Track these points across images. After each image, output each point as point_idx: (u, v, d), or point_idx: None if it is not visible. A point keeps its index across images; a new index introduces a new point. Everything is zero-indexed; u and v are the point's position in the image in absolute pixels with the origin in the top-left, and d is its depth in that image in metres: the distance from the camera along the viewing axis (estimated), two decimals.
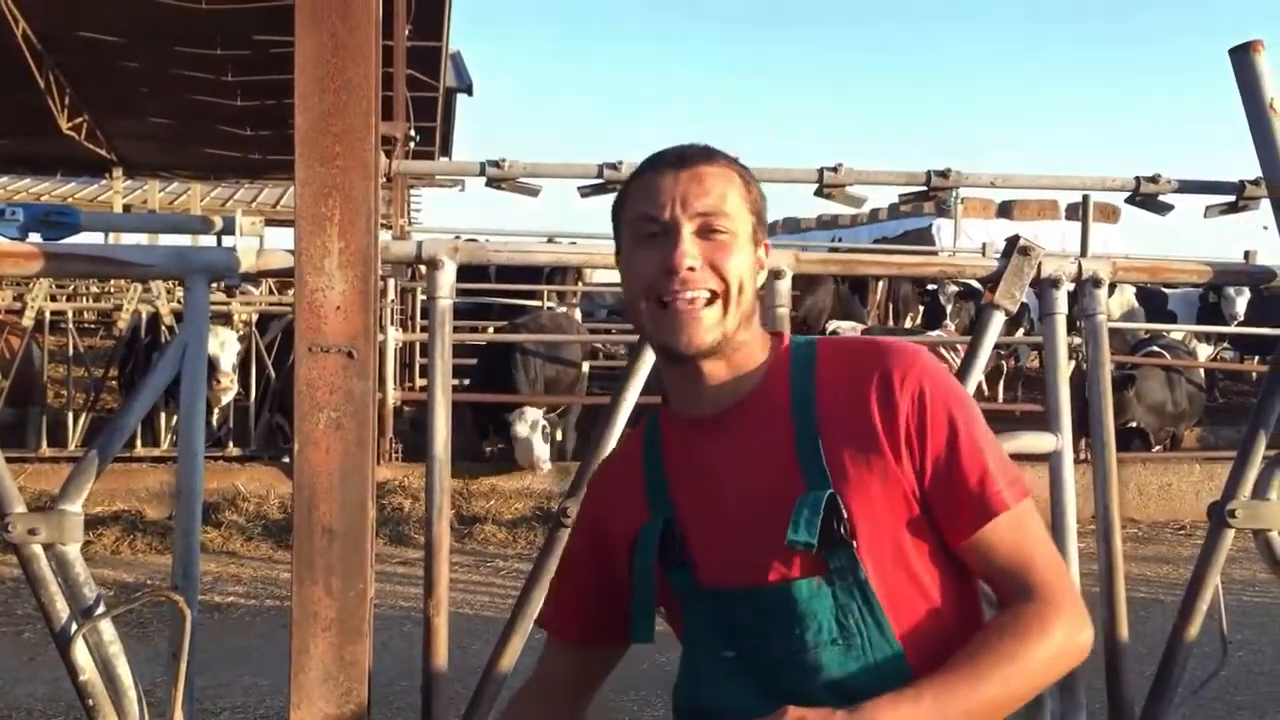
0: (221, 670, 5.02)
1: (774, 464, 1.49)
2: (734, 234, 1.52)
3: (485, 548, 7.80)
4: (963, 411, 1.49)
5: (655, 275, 1.50)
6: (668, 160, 1.56)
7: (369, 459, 2.43)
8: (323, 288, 2.38)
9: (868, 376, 1.50)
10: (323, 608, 2.37)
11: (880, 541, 1.45)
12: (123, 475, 7.90)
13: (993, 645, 1.40)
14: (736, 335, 1.52)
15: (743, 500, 1.50)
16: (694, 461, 1.56)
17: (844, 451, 1.46)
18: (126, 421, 2.61)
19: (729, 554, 1.50)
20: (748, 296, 1.53)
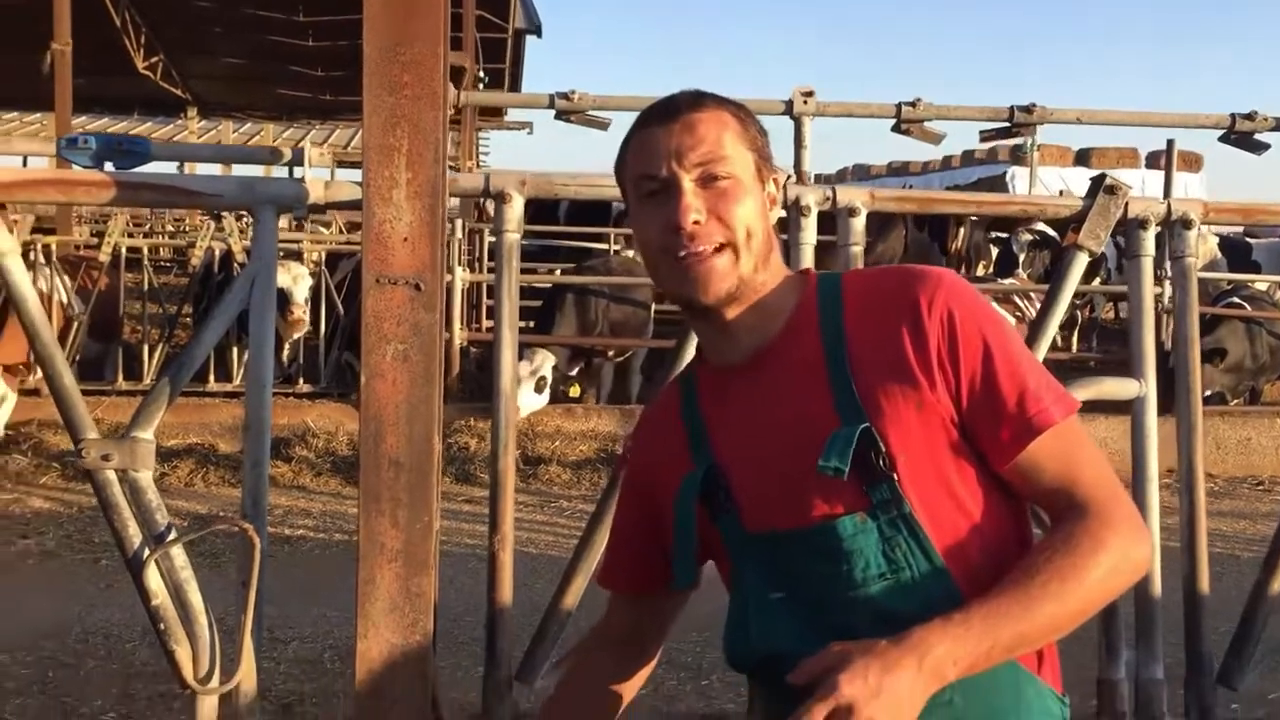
0: (290, 601, 5.10)
1: (809, 404, 1.47)
2: (736, 178, 1.49)
3: (549, 488, 7.84)
4: (995, 330, 1.46)
5: (663, 234, 1.48)
6: (657, 114, 1.53)
7: (435, 392, 2.43)
8: (390, 219, 2.37)
9: (895, 306, 1.47)
10: (389, 539, 2.39)
11: (922, 472, 1.42)
12: (196, 409, 8.05)
13: (1044, 565, 1.36)
14: (754, 278, 1.50)
15: (781, 442, 1.48)
16: (730, 408, 1.55)
17: (877, 384, 1.44)
18: (197, 352, 2.63)
19: (771, 497, 1.49)
20: (759, 239, 1.50)
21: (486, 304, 10.38)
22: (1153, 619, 2.63)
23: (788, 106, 3.87)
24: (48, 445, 7.73)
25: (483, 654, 3.94)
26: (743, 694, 4.27)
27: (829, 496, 1.42)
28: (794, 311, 1.53)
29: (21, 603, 5.20)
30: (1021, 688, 1.42)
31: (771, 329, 1.53)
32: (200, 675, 2.44)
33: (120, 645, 4.65)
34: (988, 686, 1.38)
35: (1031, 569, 1.36)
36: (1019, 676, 1.41)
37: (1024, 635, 1.34)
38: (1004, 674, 1.38)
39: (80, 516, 6.74)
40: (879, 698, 1.26)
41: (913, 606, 1.36)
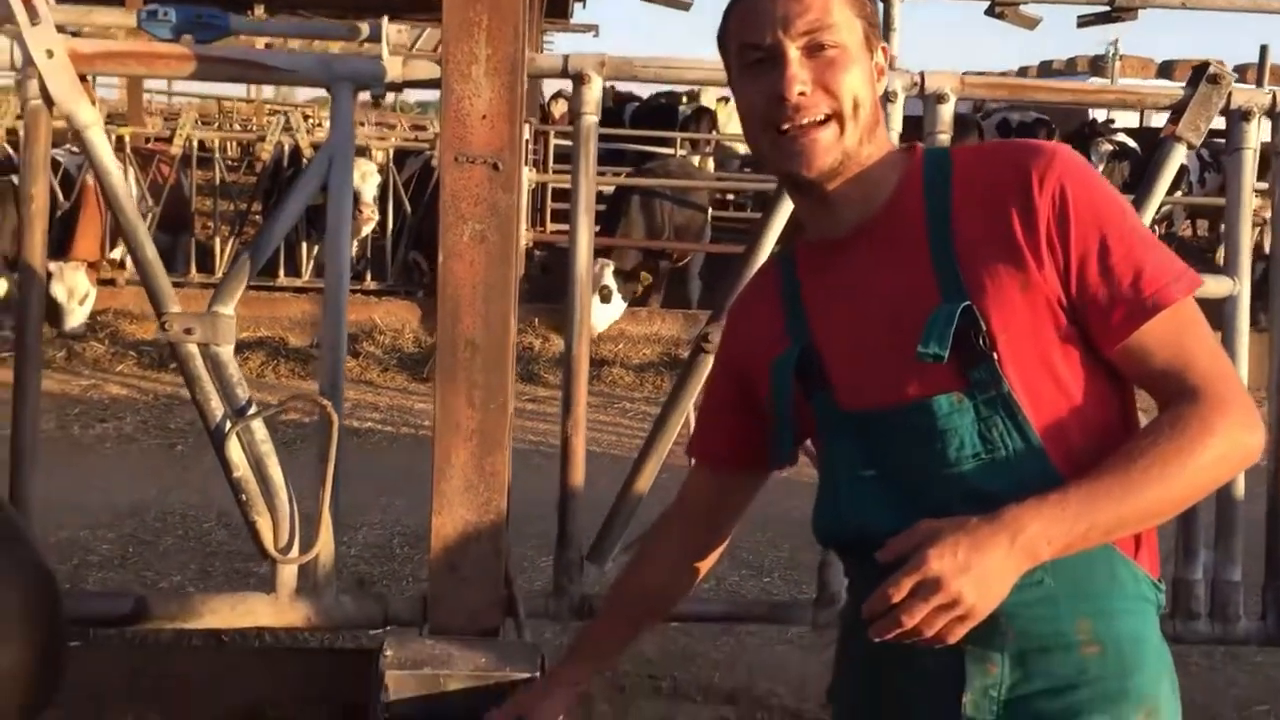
0: (359, 490, 5.18)
1: (909, 281, 1.43)
2: (843, 47, 1.42)
3: (613, 390, 7.88)
4: (1110, 207, 1.39)
5: (767, 105, 1.43)
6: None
7: (512, 273, 2.42)
8: (469, 95, 2.34)
9: (1005, 181, 1.41)
10: (465, 419, 2.40)
11: (1023, 352, 1.37)
12: (266, 303, 8.16)
13: (1148, 448, 1.31)
14: (859, 152, 1.45)
15: (879, 320, 1.45)
16: (829, 285, 1.51)
17: (982, 262, 1.39)
18: (276, 229, 2.64)
19: (867, 375, 1.46)
20: (865, 110, 1.44)
21: (552, 206, 10.35)
22: (1233, 521, 2.58)
23: None
24: (124, 334, 7.91)
25: (546, 546, 4.00)
26: (804, 590, 4.31)
27: (925, 375, 1.38)
28: (898, 185, 1.48)
29: (102, 483, 5.36)
30: (1116, 571, 1.39)
31: (874, 203, 1.48)
32: (280, 546, 2.49)
33: (197, 525, 4.79)
34: (1082, 568, 1.35)
35: (1135, 451, 1.32)
36: (1114, 560, 1.38)
37: (1123, 518, 1.30)
38: (1099, 556, 1.36)
39: (156, 403, 6.91)
40: (967, 573, 1.24)
41: (1007, 486, 1.33)
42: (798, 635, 3.92)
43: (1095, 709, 1.36)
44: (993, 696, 1.38)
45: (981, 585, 1.24)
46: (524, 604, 2.54)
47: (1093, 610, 1.37)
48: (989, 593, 1.25)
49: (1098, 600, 1.38)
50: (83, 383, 7.20)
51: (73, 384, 7.12)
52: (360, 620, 2.61)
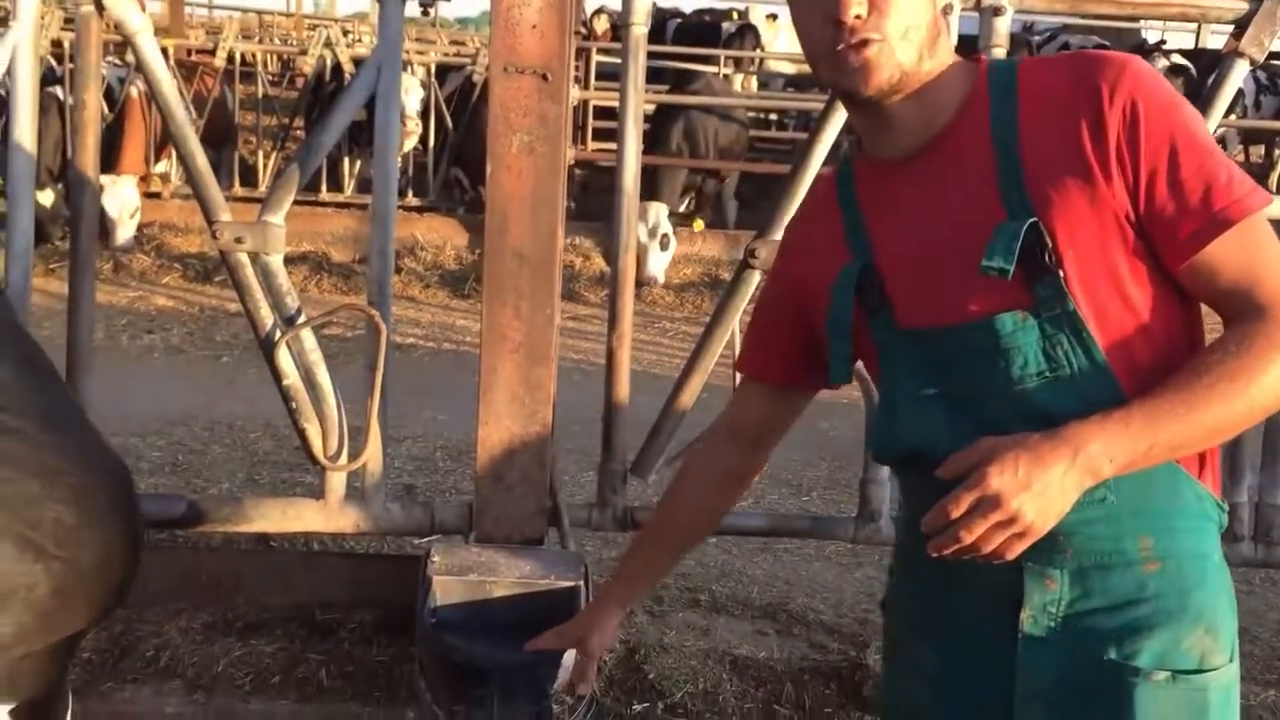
0: (404, 403, 5.25)
1: (974, 197, 1.39)
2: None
3: (653, 309, 7.89)
4: (1181, 120, 1.35)
5: (823, 25, 1.39)
6: None
7: (560, 186, 2.41)
8: (519, 5, 2.31)
9: (1072, 94, 1.37)
10: (511, 330, 2.41)
11: (1090, 269, 1.35)
12: (308, 218, 8.19)
13: (1214, 365, 1.29)
14: (917, 69, 1.40)
15: (942, 237, 1.42)
16: (891, 202, 1.48)
17: (1049, 177, 1.36)
18: (324, 139, 2.64)
19: (929, 293, 1.43)
20: (922, 28, 1.39)
21: (594, 124, 10.27)
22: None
23: None
24: (169, 247, 7.98)
25: (588, 460, 4.05)
26: (842, 508, 4.34)
27: (989, 292, 1.36)
28: (963, 101, 1.44)
29: (150, 392, 5.46)
30: (1180, 488, 1.38)
31: (937, 120, 1.44)
32: (330, 453, 2.54)
33: (244, 435, 4.87)
34: (1144, 485, 1.33)
35: (1200, 368, 1.30)
36: (1178, 477, 1.37)
37: (1187, 436, 1.29)
38: (1162, 474, 1.35)
39: (202, 316, 6.99)
40: (1027, 490, 1.23)
41: (1071, 404, 1.32)
42: (835, 552, 3.96)
43: (1155, 625, 1.36)
44: (1051, 613, 1.38)
45: (1041, 502, 1.24)
46: (568, 515, 2.58)
47: (1154, 528, 1.36)
48: (1049, 510, 1.25)
49: (1160, 518, 1.37)
50: (130, 294, 7.30)
51: (120, 295, 7.22)
52: (408, 527, 2.66)
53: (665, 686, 2.78)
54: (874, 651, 3.00)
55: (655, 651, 2.91)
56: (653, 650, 2.91)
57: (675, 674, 2.81)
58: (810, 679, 2.86)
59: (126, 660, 2.71)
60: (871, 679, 2.84)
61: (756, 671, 2.88)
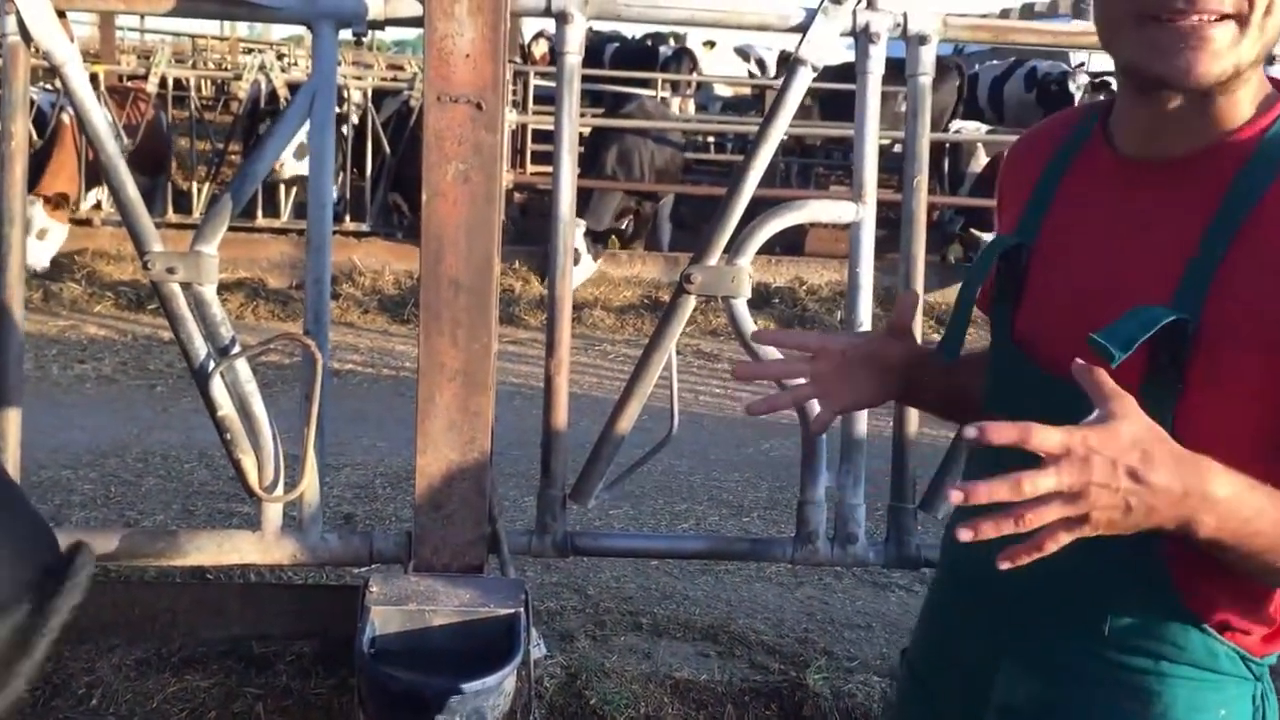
0: (341, 430, 5.22)
1: (1162, 253, 1.16)
2: None
3: (594, 332, 7.89)
4: None
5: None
6: None
7: (496, 214, 2.42)
8: (453, 34, 2.33)
9: None
10: (449, 358, 2.42)
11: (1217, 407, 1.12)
12: (245, 244, 8.10)
13: None
14: (1248, 69, 1.14)
15: (1104, 274, 1.21)
16: (1088, 196, 1.27)
17: (1249, 287, 1.10)
18: (257, 168, 2.63)
19: (1052, 323, 1.25)
20: (1276, 19, 1.12)
21: (532, 148, 10.28)
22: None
23: None
24: (101, 274, 7.85)
25: (528, 485, 4.05)
26: (783, 529, 4.38)
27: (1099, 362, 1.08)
28: (1232, 135, 1.16)
29: (82, 424, 5.36)
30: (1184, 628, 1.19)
31: (1196, 141, 1.17)
32: (265, 484, 2.51)
33: (179, 465, 4.80)
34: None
35: None
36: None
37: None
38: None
39: (135, 344, 6.88)
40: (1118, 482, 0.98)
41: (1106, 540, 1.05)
42: (775, 572, 3.99)
43: None
44: None
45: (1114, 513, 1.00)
46: (507, 542, 2.58)
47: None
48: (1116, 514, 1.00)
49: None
50: (60, 323, 7.16)
51: (50, 325, 7.08)
52: (345, 557, 2.64)
53: (607, 712, 2.78)
54: (814, 671, 3.02)
55: (596, 676, 2.91)
56: (594, 675, 2.91)
57: (617, 699, 2.82)
58: (751, 700, 2.88)
59: (59, 698, 2.66)
60: (811, 699, 2.87)
61: (698, 694, 2.89)
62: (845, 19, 2.53)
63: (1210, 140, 1.17)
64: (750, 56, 16.85)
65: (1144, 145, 1.21)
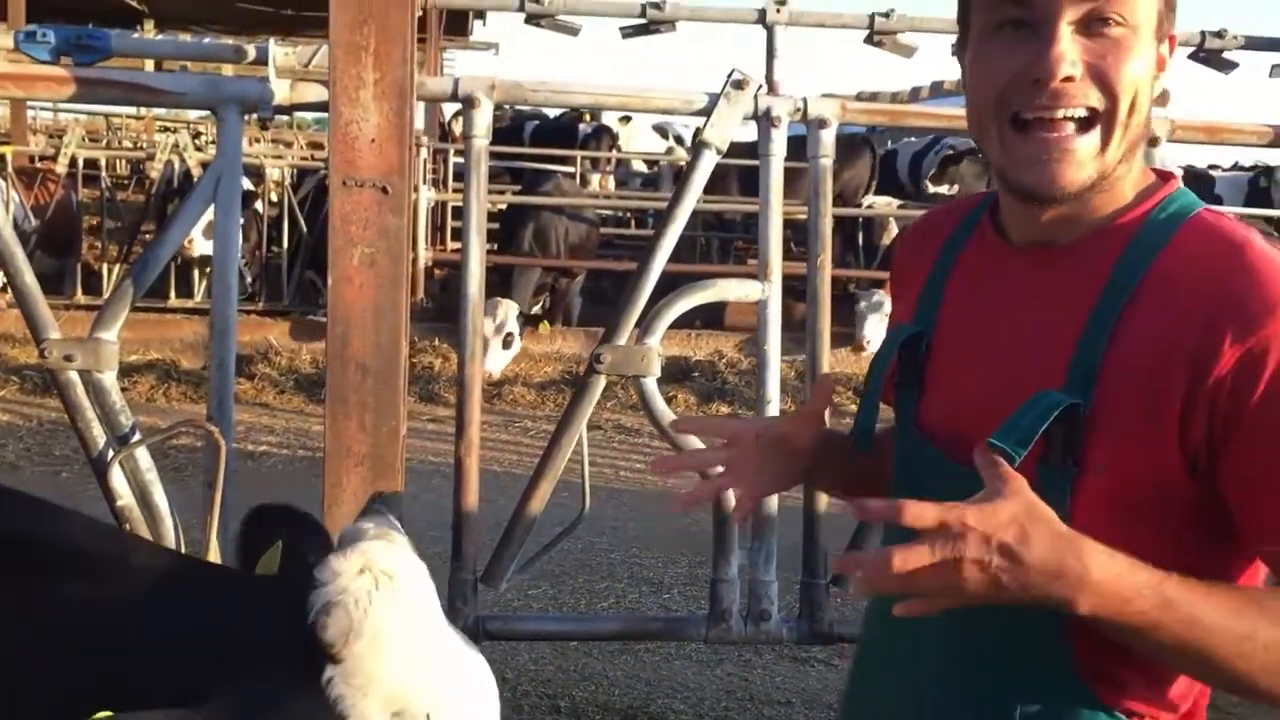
0: None
1: (1052, 338, 1.18)
2: (1133, 28, 1.12)
3: (514, 409, 7.87)
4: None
5: (1015, 84, 1.13)
6: None
7: (403, 297, 2.42)
8: (357, 119, 2.34)
9: (1211, 295, 1.10)
10: (356, 443, 2.39)
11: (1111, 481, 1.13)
12: (157, 325, 7.97)
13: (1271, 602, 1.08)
14: (1114, 172, 1.15)
15: (999, 360, 1.22)
16: (981, 288, 1.28)
17: (1132, 370, 1.12)
18: (161, 252, 2.60)
19: (953, 411, 1.26)
20: (1140, 118, 1.14)
21: (452, 225, 10.30)
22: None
23: (760, 16, 3.85)
24: (5, 358, 7.66)
25: (445, 567, 3.98)
26: (702, 605, 4.36)
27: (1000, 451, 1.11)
28: (1109, 224, 1.18)
29: None
30: None
31: (1076, 231, 1.19)
32: None
33: None
34: None
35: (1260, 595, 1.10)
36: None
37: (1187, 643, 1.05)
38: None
39: (40, 429, 6.70)
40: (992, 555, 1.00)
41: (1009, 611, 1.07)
42: (695, 650, 3.96)
43: None
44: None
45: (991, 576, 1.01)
46: None
47: None
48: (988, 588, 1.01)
49: None
50: None
51: None
52: None
53: None
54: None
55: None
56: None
57: None
58: None
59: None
60: None
61: None
62: (747, 104, 2.60)
63: (1093, 227, 1.19)
64: (669, 133, 17.12)
65: (1029, 234, 1.23)
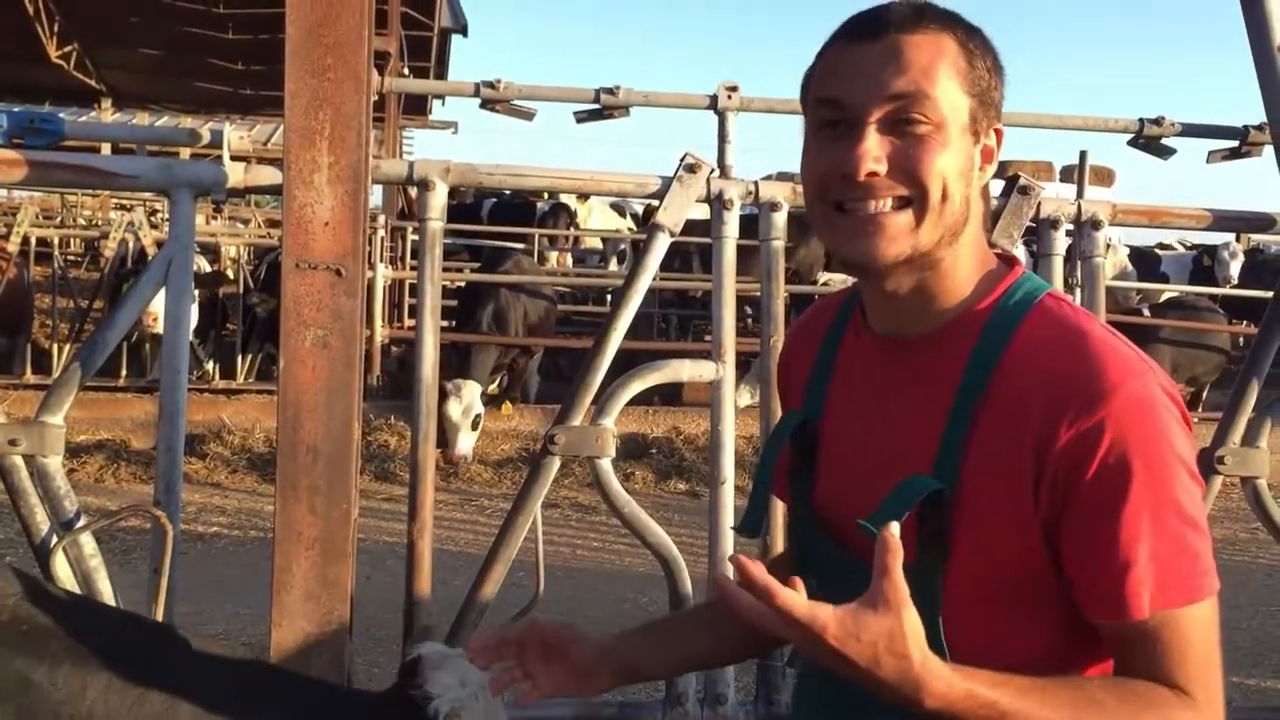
0: (204, 598, 5.02)
1: (921, 425, 1.24)
2: (938, 125, 1.20)
3: (470, 486, 7.81)
4: (1149, 478, 1.15)
5: (831, 177, 1.23)
6: (860, 26, 1.23)
7: (355, 379, 2.41)
8: (311, 203, 2.34)
9: (1054, 380, 1.17)
10: (306, 527, 2.36)
11: (980, 559, 1.20)
12: (108, 404, 7.87)
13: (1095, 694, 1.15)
14: (934, 252, 1.23)
15: (877, 447, 1.29)
16: (858, 377, 1.35)
17: (991, 455, 1.19)
18: (109, 335, 2.57)
19: (838, 496, 1.32)
20: (953, 207, 1.22)
21: (409, 302, 10.30)
22: None
23: (712, 101, 3.92)
24: None
25: (398, 651, 3.92)
26: (659, 688, 4.30)
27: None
28: (961, 314, 1.26)
29: None
30: None
31: (930, 321, 1.27)
32: None
33: None
34: None
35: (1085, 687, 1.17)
36: None
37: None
38: None
39: None
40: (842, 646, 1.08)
41: None
42: None
43: None
44: None
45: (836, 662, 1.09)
46: None
47: None
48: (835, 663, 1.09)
49: None
50: None
51: None
52: None
53: None
54: None
55: None
56: None
57: None
58: None
59: None
60: None
61: None
62: (700, 187, 2.63)
63: (946, 319, 1.27)
64: (625, 211, 17.29)
65: (888, 324, 1.32)
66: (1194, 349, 9.67)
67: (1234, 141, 4.32)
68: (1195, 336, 9.68)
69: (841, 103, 1.22)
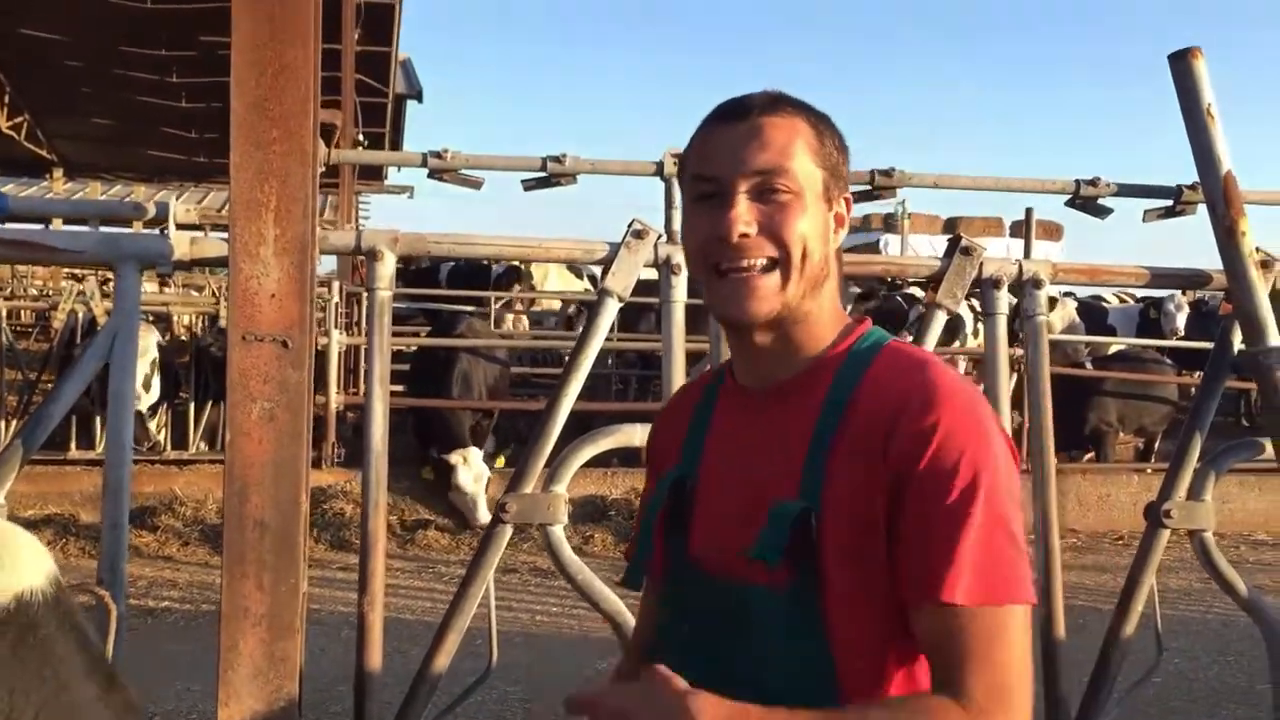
0: (153, 675, 4.91)
1: (785, 462, 1.38)
2: (797, 194, 1.38)
3: (428, 553, 7.72)
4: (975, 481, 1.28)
5: (708, 241, 1.39)
6: (727, 112, 1.42)
7: (303, 452, 2.39)
8: (257, 275, 2.34)
9: (897, 398, 1.33)
10: (253, 603, 2.33)
11: (851, 572, 1.32)
12: (56, 478, 7.73)
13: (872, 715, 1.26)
14: (799, 306, 1.40)
15: (747, 487, 1.41)
16: (729, 430, 1.48)
17: (847, 471, 1.33)
18: (54, 410, 2.54)
19: (715, 537, 1.44)
20: (814, 263, 1.39)
21: (364, 368, 10.23)
22: None
23: (658, 168, 3.98)
24: None
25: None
26: None
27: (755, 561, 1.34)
28: (819, 359, 1.43)
29: None
30: None
31: (793, 367, 1.44)
32: None
33: None
34: None
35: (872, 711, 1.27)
36: None
37: None
38: None
39: None
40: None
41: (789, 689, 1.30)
42: None
43: None
44: None
45: None
46: None
47: None
48: None
49: None
50: None
51: None
52: None
53: None
54: None
55: None
56: None
57: None
58: None
59: None
60: None
61: None
62: (647, 252, 2.66)
63: (805, 365, 1.43)
64: (583, 273, 17.38)
65: (754, 376, 1.47)
66: (1141, 400, 9.80)
67: (1169, 201, 4.43)
68: (1142, 388, 9.82)
69: (716, 177, 1.39)
